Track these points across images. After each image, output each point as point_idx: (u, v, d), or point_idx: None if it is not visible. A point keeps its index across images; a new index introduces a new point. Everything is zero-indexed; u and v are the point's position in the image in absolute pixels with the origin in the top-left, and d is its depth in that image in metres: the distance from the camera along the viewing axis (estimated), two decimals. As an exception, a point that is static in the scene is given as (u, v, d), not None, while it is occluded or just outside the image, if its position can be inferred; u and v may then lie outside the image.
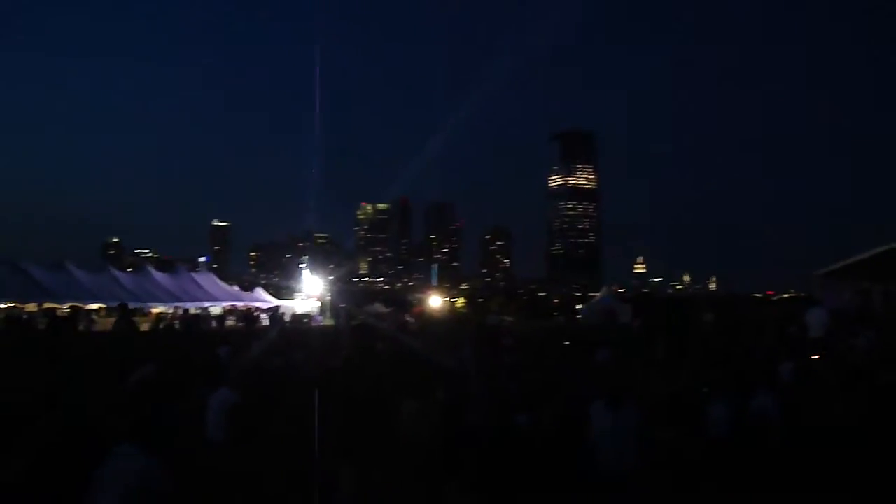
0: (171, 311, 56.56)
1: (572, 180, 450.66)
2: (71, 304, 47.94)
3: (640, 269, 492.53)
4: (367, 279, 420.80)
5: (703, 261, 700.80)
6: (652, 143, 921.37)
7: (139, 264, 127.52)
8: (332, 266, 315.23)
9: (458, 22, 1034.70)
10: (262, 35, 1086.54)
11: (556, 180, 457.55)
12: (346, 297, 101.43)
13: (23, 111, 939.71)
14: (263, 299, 72.52)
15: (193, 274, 71.74)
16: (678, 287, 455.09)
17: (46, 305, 44.67)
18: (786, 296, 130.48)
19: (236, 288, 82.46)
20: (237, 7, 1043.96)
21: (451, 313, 72.28)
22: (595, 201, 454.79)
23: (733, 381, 13.15)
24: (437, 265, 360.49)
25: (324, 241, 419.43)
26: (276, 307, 66.96)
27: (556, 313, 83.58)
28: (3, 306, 46.53)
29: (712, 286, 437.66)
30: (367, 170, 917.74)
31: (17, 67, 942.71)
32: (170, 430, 7.40)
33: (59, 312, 42.19)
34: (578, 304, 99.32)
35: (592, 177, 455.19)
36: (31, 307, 46.03)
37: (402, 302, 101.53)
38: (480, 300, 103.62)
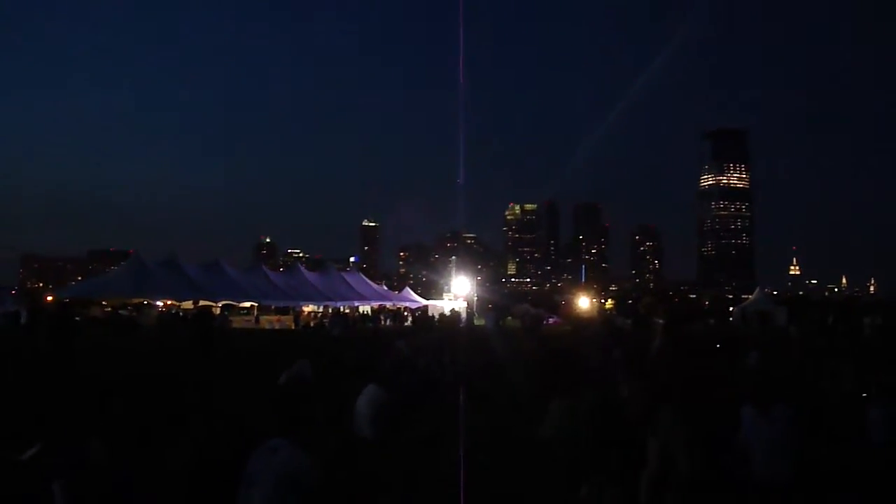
0: (321, 309, 57.85)
1: (724, 180, 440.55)
2: (224, 301, 49.52)
3: (794, 271, 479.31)
4: (515, 280, 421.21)
5: (862, 263, 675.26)
6: (807, 143, 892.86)
7: (291, 264, 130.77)
8: (479, 266, 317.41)
9: (605, 22, 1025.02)
10: (412, 36, 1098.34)
11: (707, 180, 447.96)
12: (494, 298, 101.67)
13: (191, 114, 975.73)
14: (411, 299, 73.28)
15: (343, 273, 73.19)
16: (835, 290, 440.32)
17: (202, 303, 46.01)
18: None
19: (385, 287, 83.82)
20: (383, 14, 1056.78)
21: (600, 314, 71.68)
22: (748, 201, 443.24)
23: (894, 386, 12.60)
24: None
25: (472, 241, 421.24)
26: (425, 307, 67.64)
27: (707, 315, 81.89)
28: (159, 304, 48.32)
29: (871, 289, 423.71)
30: (515, 170, 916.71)
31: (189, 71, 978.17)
32: (318, 426, 7.50)
33: (213, 309, 43.53)
34: (730, 306, 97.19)
35: (745, 176, 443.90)
36: (187, 304, 47.61)
37: (551, 303, 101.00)
38: (629, 301, 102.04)
